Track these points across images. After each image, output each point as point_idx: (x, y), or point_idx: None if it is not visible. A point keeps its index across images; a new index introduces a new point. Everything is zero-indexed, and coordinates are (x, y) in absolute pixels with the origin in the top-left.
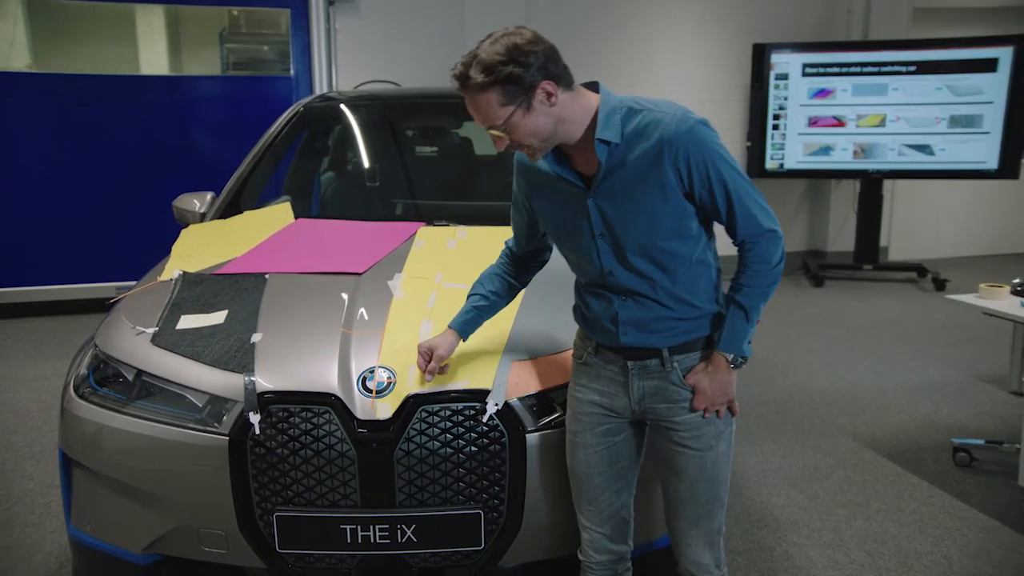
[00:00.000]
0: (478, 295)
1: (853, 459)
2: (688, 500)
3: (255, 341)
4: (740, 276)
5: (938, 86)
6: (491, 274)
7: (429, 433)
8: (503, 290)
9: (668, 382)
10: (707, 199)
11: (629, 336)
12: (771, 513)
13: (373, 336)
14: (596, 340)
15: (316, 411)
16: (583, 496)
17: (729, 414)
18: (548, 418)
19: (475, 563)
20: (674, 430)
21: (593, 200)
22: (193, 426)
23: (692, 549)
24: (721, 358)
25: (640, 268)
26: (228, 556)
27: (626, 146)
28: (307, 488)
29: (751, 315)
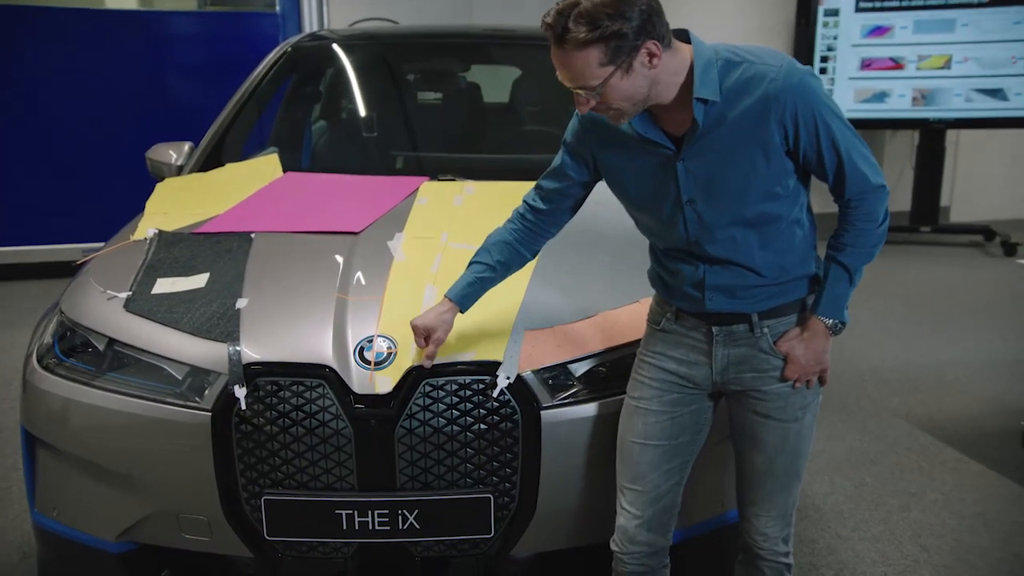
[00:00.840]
0: (482, 264)
1: (906, 443)
2: (765, 472)
3: (240, 307)
4: (842, 235)
5: (1016, 19)
6: (499, 241)
7: (433, 409)
8: (511, 260)
9: (757, 349)
10: (813, 157)
11: (715, 302)
12: (813, 502)
13: (371, 302)
14: (677, 305)
15: (308, 384)
16: (629, 472)
17: (819, 384)
18: (565, 393)
19: (484, 552)
20: (759, 400)
21: (683, 163)
22: (172, 401)
23: (763, 521)
24: (819, 323)
25: (731, 234)
26: (211, 544)
27: (725, 103)
28: (298, 469)
29: (854, 277)
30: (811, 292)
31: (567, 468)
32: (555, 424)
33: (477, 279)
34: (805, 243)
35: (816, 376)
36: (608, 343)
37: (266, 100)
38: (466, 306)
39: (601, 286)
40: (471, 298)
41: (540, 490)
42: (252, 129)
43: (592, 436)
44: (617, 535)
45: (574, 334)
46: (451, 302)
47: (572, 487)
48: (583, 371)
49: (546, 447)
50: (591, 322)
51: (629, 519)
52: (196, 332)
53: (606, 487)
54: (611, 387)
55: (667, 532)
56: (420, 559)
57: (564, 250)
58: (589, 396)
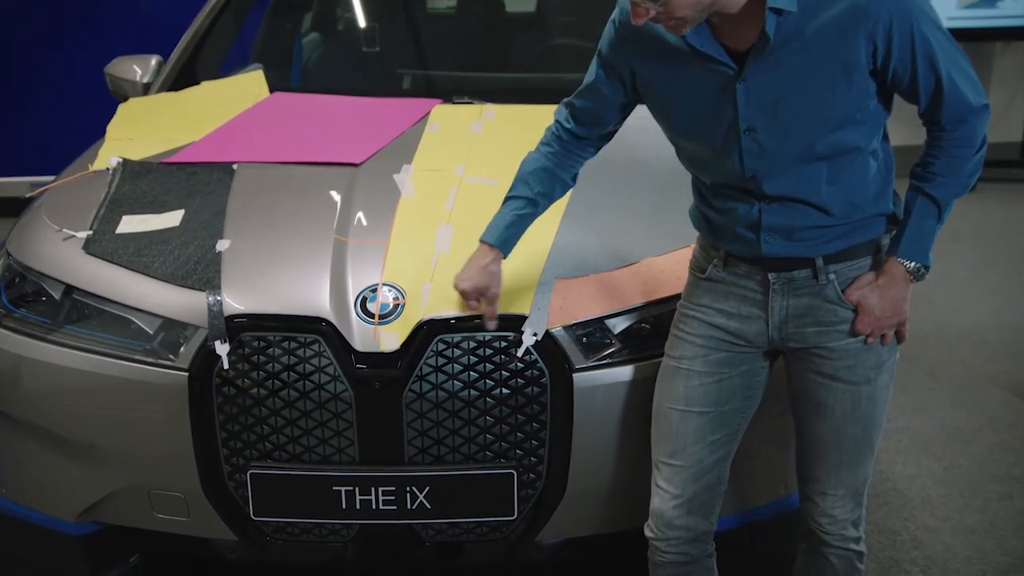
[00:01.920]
0: (522, 199)
1: (1009, 419)
2: (831, 443)
3: (221, 250)
4: (932, 163)
5: None
6: (536, 169)
7: (448, 370)
8: (552, 188)
9: (821, 299)
10: (905, 78)
11: (772, 244)
12: (895, 487)
13: (375, 245)
14: (726, 250)
15: (302, 341)
16: (667, 444)
17: (895, 340)
18: (602, 353)
19: (505, 537)
20: (824, 359)
21: (744, 85)
22: (141, 358)
23: (829, 501)
24: (898, 267)
25: (796, 169)
26: (188, 525)
27: (802, 14)
28: (290, 439)
29: (943, 212)
30: (887, 232)
31: (603, 440)
32: (589, 389)
33: (517, 217)
34: (881, 176)
35: (892, 330)
36: (652, 295)
37: (249, 6)
38: (509, 250)
39: (644, 228)
40: (513, 240)
41: (571, 465)
42: (232, 41)
43: (633, 403)
44: (652, 519)
45: (612, 284)
46: (491, 248)
47: (609, 462)
48: (623, 327)
49: (579, 415)
50: (632, 270)
51: (666, 499)
52: (169, 279)
53: (649, 463)
54: (655, 346)
55: (710, 515)
56: (431, 544)
57: (600, 186)
58: (629, 357)
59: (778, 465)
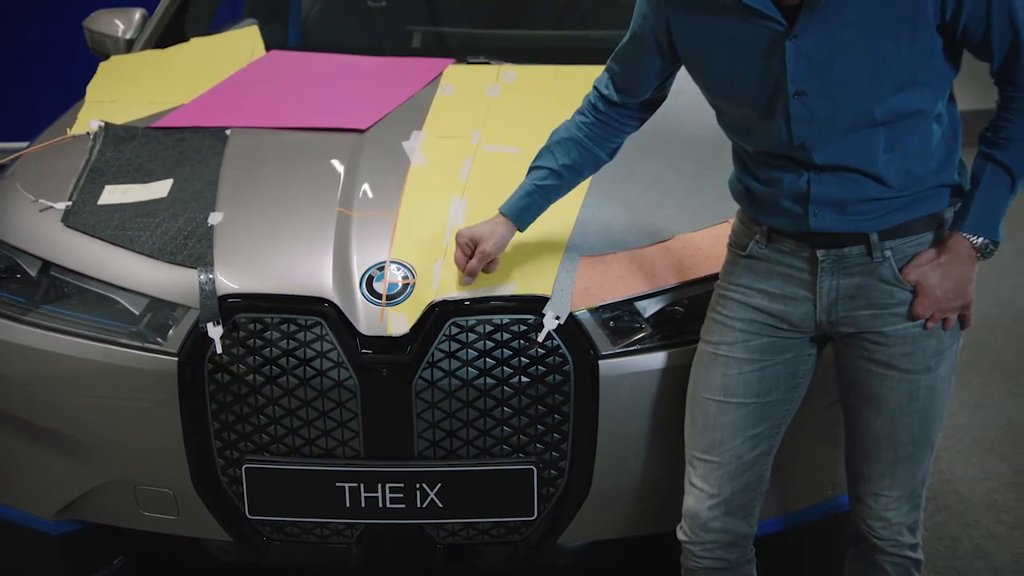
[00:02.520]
0: (544, 169)
1: None
2: (886, 438)
3: (214, 223)
4: (1005, 127)
5: None
6: (566, 139)
7: (462, 356)
8: (582, 162)
9: (876, 279)
10: (977, 31)
11: (822, 219)
12: (955, 489)
13: (383, 219)
14: (769, 224)
15: (302, 323)
16: (703, 438)
17: (958, 325)
18: (631, 338)
19: (524, 539)
20: (878, 345)
21: (795, 43)
22: (126, 342)
23: (882, 503)
24: (964, 243)
25: (850, 137)
26: (178, 524)
27: None
28: (289, 431)
29: (1017, 182)
30: (951, 205)
31: (632, 433)
32: (617, 378)
33: (537, 188)
34: (945, 143)
35: (955, 314)
36: (686, 274)
37: None
38: (525, 223)
39: (678, 201)
40: (530, 212)
41: (597, 461)
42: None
43: (665, 393)
44: (685, 520)
45: (643, 262)
46: (505, 219)
47: (638, 458)
48: (654, 310)
49: (605, 407)
50: (665, 247)
51: (701, 499)
52: (157, 254)
53: (683, 459)
54: (689, 331)
55: (750, 517)
56: (443, 546)
57: (630, 154)
58: (661, 342)
59: (826, 463)
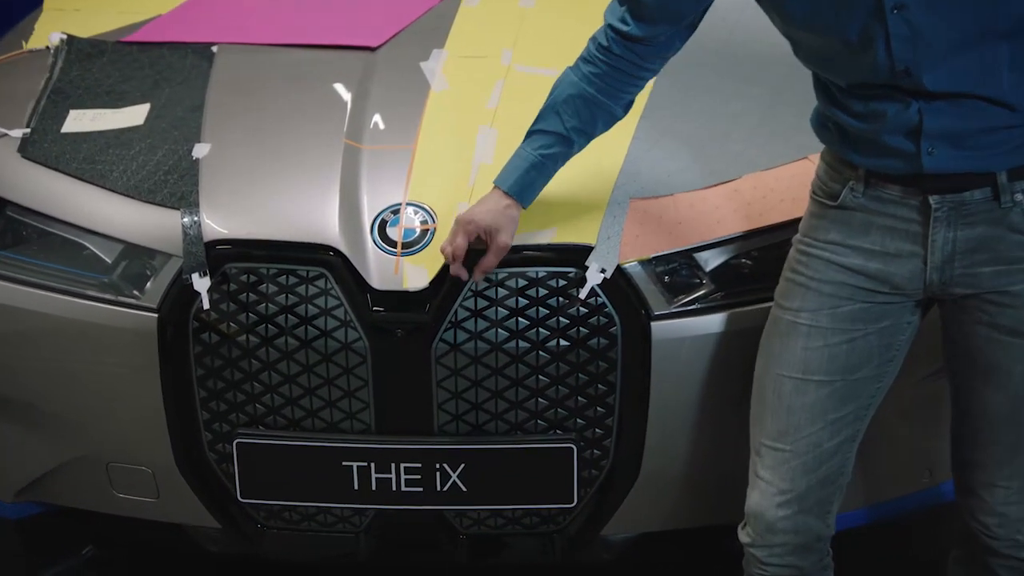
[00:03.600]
0: (551, 135)
1: None
2: (1006, 419)
3: (199, 156)
4: None
5: None
6: (573, 96)
7: (490, 316)
8: (592, 121)
9: (1004, 228)
10: None
11: (938, 157)
12: None
13: (397, 153)
14: (868, 167)
15: (303, 275)
16: (774, 423)
17: None
18: (689, 296)
19: (562, 531)
20: (1004, 307)
21: None
22: (97, 295)
23: (999, 495)
24: None
25: (967, 54)
26: (158, 508)
27: None
28: (287, 400)
29: None
30: None
31: (688, 409)
32: (672, 342)
33: (541, 159)
34: None
35: None
36: (756, 221)
37: None
38: (528, 200)
39: (746, 133)
40: (535, 188)
41: (647, 440)
42: None
43: (728, 363)
44: (750, 520)
45: (705, 206)
46: (506, 195)
47: (695, 438)
48: (717, 263)
49: (657, 376)
50: (730, 189)
51: (769, 495)
52: (132, 192)
53: (747, 442)
54: (758, 289)
55: (827, 515)
56: (466, 537)
57: (688, 77)
58: (724, 301)
59: (921, 445)
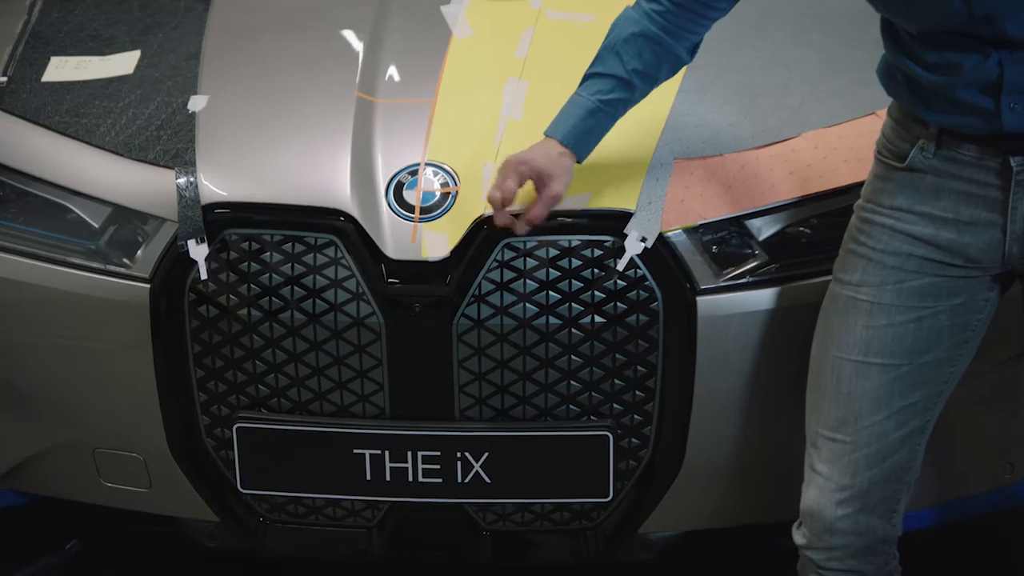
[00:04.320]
0: (611, 79)
1: None
2: None
3: (196, 110)
4: None
5: None
6: (635, 35)
7: (518, 289)
8: (658, 66)
9: None
10: None
11: (1020, 113)
12: None
13: (416, 108)
14: (939, 124)
15: (311, 243)
16: (833, 410)
17: None
18: (739, 268)
19: (597, 527)
20: None
21: None
22: (82, 263)
23: None
24: None
25: None
26: (149, 499)
27: None
28: (293, 381)
29: None
30: None
31: (737, 393)
32: (720, 319)
33: (600, 105)
34: None
35: None
36: (816, 185)
37: None
38: (584, 152)
39: (805, 87)
40: (592, 138)
41: (692, 428)
42: None
43: (782, 343)
44: (805, 518)
45: (758, 168)
46: (559, 145)
47: (745, 426)
48: (771, 232)
49: (703, 357)
50: (786, 149)
51: (827, 491)
52: (122, 149)
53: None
54: (817, 261)
55: (892, 515)
56: (490, 534)
57: (741, 25)
58: (778, 275)
59: (1000, 438)
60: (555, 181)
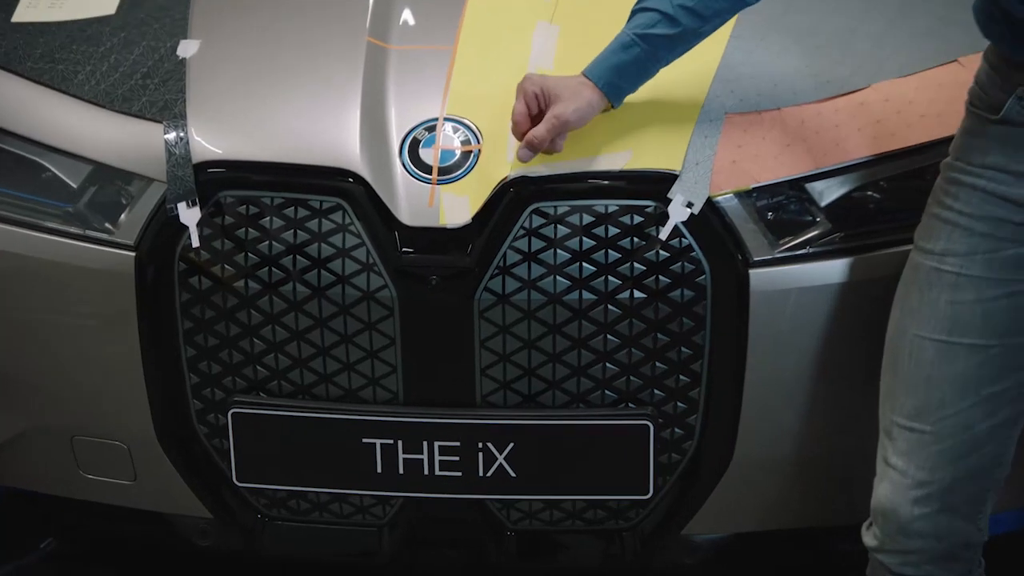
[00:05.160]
0: (654, 13)
1: None
2: None
3: (186, 56)
4: None
5: None
6: None
7: (547, 260)
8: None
9: None
10: None
11: None
12: None
13: (433, 55)
14: None
15: (315, 207)
16: (911, 396)
17: None
18: (799, 237)
19: (634, 528)
20: None
21: None
22: (59, 228)
23: None
24: None
25: None
26: (134, 493)
27: None
28: (295, 362)
29: None
30: None
31: (796, 379)
32: (776, 295)
33: (638, 40)
34: None
35: None
36: (888, 143)
37: None
38: (619, 94)
39: (877, 29)
40: (628, 78)
41: (742, 416)
42: None
43: (848, 321)
44: (877, 517)
45: (820, 124)
46: (594, 87)
47: (804, 415)
48: (835, 196)
49: (756, 337)
50: (855, 102)
51: (903, 488)
52: (103, 100)
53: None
54: (891, 229)
55: (978, 516)
56: (515, 534)
57: None
58: (844, 244)
59: None
60: (561, 102)
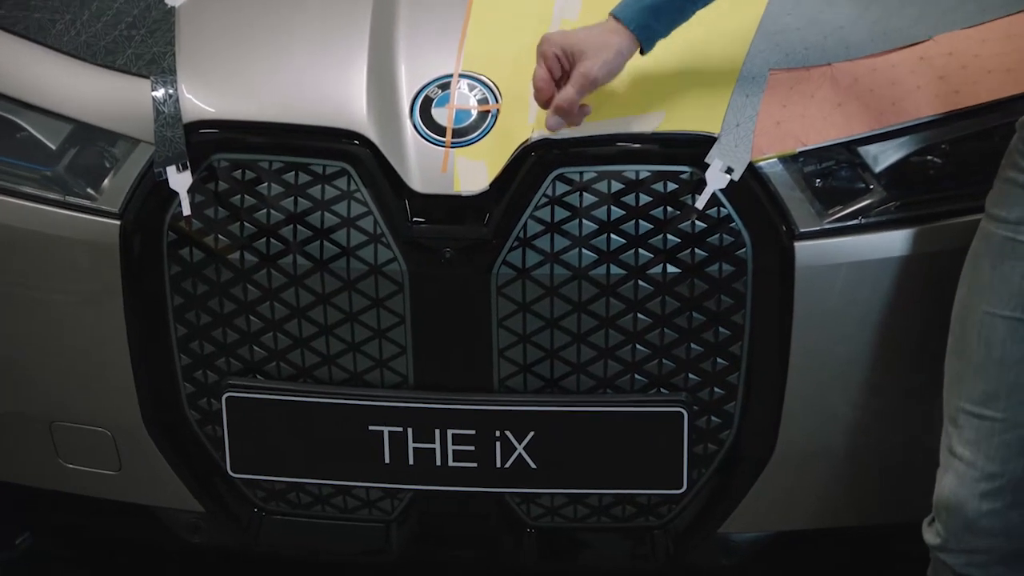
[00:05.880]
0: None
1: None
2: None
3: (175, 4)
4: None
5: None
6: None
7: (572, 231)
8: None
9: None
10: None
11: None
12: None
13: (447, 6)
14: None
15: (318, 172)
16: (979, 380)
17: None
18: (851, 206)
19: (666, 525)
20: None
21: None
22: (36, 193)
23: None
24: None
25: None
26: (118, 484)
27: None
28: (295, 342)
29: None
30: None
31: (846, 363)
32: (825, 270)
33: None
34: None
35: None
36: (951, 102)
37: None
38: (651, 37)
39: None
40: (662, 20)
41: (786, 404)
42: None
43: (906, 298)
44: (940, 513)
45: (875, 82)
46: (624, 29)
47: (855, 403)
48: (891, 161)
49: (802, 317)
50: (914, 56)
51: (969, 480)
52: (84, 53)
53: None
54: (957, 197)
55: None
56: (535, 531)
57: None
58: (902, 214)
59: None
60: (589, 58)
